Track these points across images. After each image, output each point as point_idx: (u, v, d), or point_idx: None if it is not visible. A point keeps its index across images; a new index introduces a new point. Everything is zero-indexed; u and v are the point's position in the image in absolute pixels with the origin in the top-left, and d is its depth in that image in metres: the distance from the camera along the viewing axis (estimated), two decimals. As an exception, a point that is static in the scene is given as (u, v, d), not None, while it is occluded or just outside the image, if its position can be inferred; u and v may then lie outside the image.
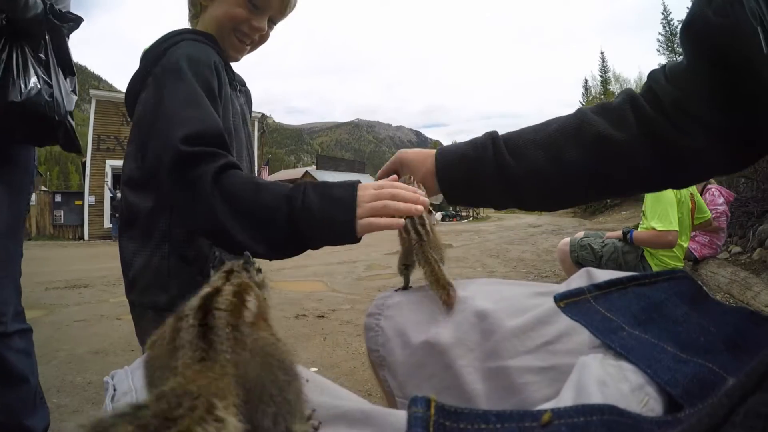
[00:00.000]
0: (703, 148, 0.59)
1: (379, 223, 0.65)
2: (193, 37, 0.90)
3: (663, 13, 29.85)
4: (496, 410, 0.30)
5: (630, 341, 0.41)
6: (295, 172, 44.29)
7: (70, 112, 1.26)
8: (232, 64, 1.00)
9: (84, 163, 17.05)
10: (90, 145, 16.42)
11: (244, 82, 1.07)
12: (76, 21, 1.27)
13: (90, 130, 16.58)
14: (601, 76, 37.04)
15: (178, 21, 1.05)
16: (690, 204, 2.55)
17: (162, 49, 0.86)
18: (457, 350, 0.55)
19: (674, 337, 0.41)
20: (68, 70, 1.28)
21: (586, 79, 39.08)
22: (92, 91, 17.33)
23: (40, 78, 1.14)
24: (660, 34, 30.28)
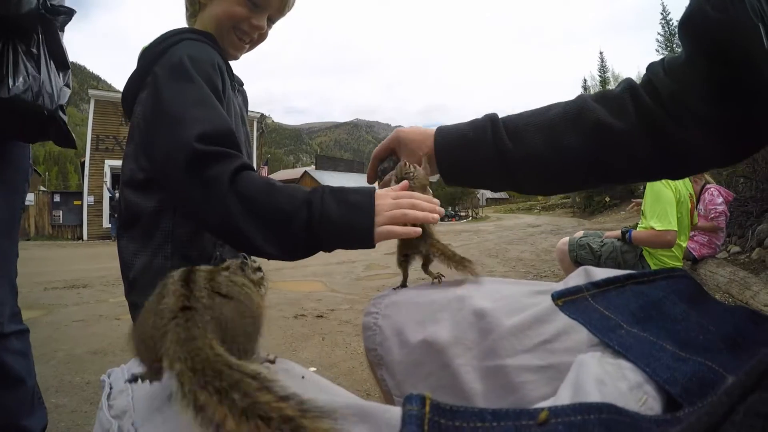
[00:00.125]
0: (699, 140, 0.59)
1: (399, 231, 0.67)
2: (194, 37, 0.89)
3: (662, 13, 29.86)
4: (492, 408, 0.30)
5: (628, 339, 0.40)
6: (294, 172, 44.29)
7: (62, 106, 1.24)
8: (231, 64, 1.00)
9: (83, 163, 17.04)
10: (89, 145, 16.40)
11: (242, 83, 1.06)
12: (69, 14, 1.25)
13: (89, 130, 16.56)
14: (600, 76, 37.05)
15: (178, 21, 1.04)
16: (689, 204, 2.54)
17: (161, 48, 0.85)
18: (455, 349, 0.55)
19: (673, 335, 0.41)
20: (61, 64, 1.26)
21: (585, 79, 39.06)
22: (91, 91, 17.31)
23: (30, 73, 1.13)
24: (659, 34, 30.28)
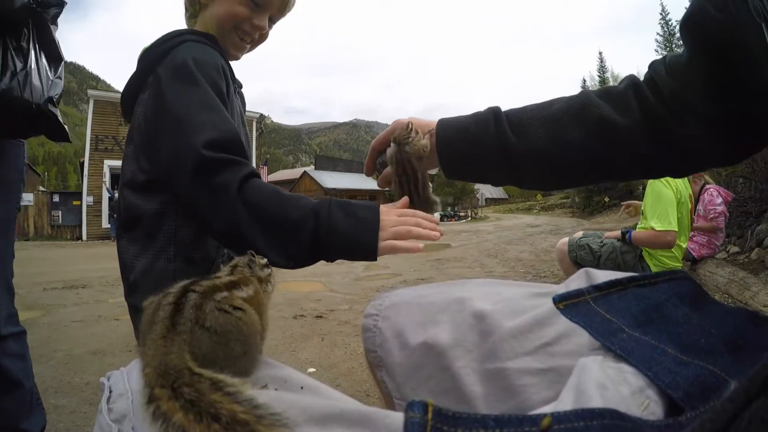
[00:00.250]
0: (701, 139, 0.59)
1: (401, 246, 0.68)
2: (197, 39, 0.88)
3: (661, 14, 29.85)
4: (495, 415, 0.30)
5: (630, 343, 0.40)
6: (293, 172, 44.28)
7: (51, 98, 1.21)
8: (231, 64, 0.99)
9: (82, 164, 17.02)
10: (88, 145, 16.38)
11: (241, 84, 1.06)
12: (60, 5, 1.24)
13: (88, 130, 16.54)
14: (600, 77, 37.05)
15: (177, 21, 1.04)
16: (689, 204, 2.54)
17: (163, 49, 0.85)
18: (456, 351, 0.55)
19: (675, 338, 0.41)
20: (53, 57, 1.25)
21: (585, 80, 39.04)
22: (90, 91, 17.29)
23: (17, 67, 1.11)
24: (658, 34, 30.28)
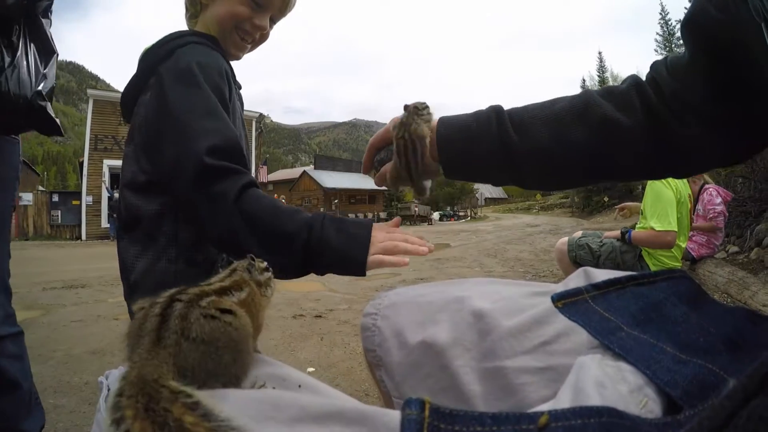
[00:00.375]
0: (702, 139, 0.59)
1: (388, 261, 0.70)
2: (200, 40, 0.88)
3: (661, 13, 29.89)
4: (492, 412, 0.29)
5: (628, 342, 0.40)
6: (293, 172, 44.27)
7: (40, 92, 1.20)
8: (232, 65, 0.99)
9: (81, 163, 17.02)
10: (87, 145, 16.39)
11: (240, 86, 1.06)
12: None
13: (87, 129, 16.54)
14: (599, 76, 37.08)
15: (177, 20, 1.04)
16: (689, 204, 2.54)
17: (165, 50, 0.84)
18: (454, 350, 0.55)
19: (673, 337, 0.41)
20: (44, 50, 1.24)
21: (584, 79, 39.09)
22: (90, 91, 17.29)
23: (6, 63, 1.11)
24: (658, 34, 30.32)
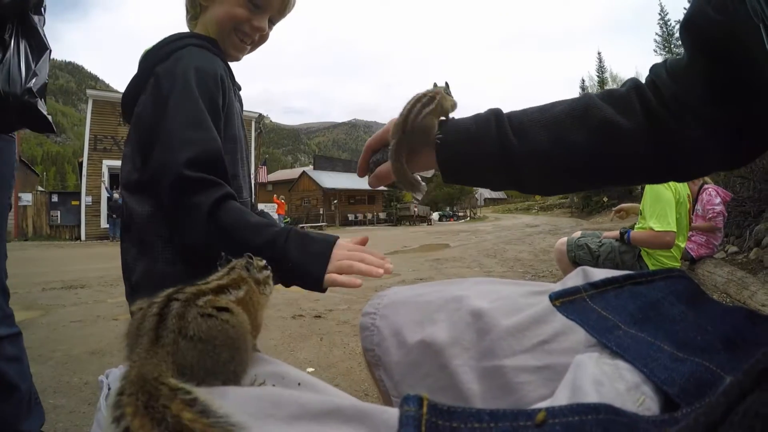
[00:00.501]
0: (703, 141, 0.59)
1: (340, 280, 0.70)
2: (199, 43, 0.89)
3: (660, 14, 29.93)
4: (490, 409, 0.30)
5: (626, 340, 0.40)
6: (292, 172, 44.30)
7: (30, 89, 1.19)
8: (232, 66, 0.99)
9: (80, 164, 17.02)
10: (87, 145, 16.39)
11: (240, 87, 1.06)
12: None
13: (87, 130, 16.55)
14: (599, 77, 37.12)
15: (177, 20, 1.04)
16: (688, 204, 2.54)
17: (165, 52, 0.85)
18: (453, 350, 0.55)
19: (671, 335, 0.41)
20: (36, 47, 1.23)
21: (583, 80, 39.20)
22: (89, 91, 17.31)
23: None
24: (657, 34, 30.38)
